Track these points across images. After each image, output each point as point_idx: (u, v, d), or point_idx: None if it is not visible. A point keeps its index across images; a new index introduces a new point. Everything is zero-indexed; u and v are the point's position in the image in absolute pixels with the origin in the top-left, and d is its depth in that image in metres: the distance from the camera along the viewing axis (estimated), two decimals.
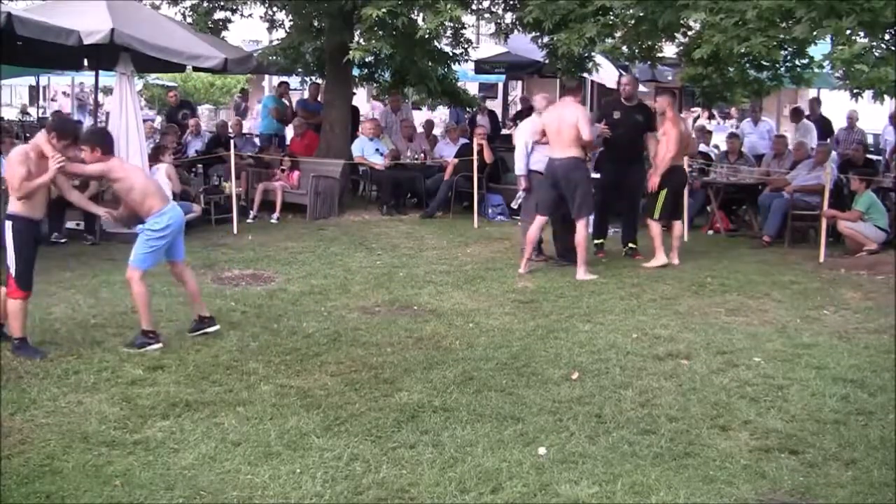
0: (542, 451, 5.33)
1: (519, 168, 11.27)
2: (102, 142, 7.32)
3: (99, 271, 9.90)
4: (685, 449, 5.42)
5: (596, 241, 11.34)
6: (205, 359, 6.96)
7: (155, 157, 12.50)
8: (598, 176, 11.68)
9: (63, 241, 11.66)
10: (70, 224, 12.26)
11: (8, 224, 6.93)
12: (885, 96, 10.47)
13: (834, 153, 15.06)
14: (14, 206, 6.95)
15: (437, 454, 5.27)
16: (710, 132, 18.25)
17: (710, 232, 13.61)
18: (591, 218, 10.67)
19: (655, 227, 10.84)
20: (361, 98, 22.28)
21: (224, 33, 16.66)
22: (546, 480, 4.95)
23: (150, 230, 7.21)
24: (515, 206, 13.43)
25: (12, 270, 6.89)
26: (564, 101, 10.59)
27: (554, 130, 10.22)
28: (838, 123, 17.72)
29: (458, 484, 4.89)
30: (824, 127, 16.52)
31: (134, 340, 7.21)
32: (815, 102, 17.47)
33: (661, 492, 4.85)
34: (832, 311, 8.87)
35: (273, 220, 13.71)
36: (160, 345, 7.18)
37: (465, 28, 15.70)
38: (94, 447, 5.29)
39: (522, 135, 11.30)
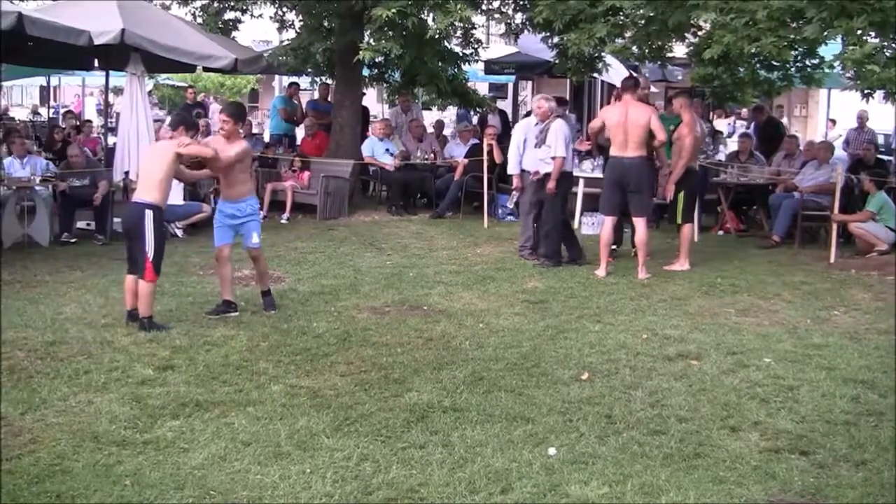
0: (551, 451, 5.33)
1: (512, 167, 11.27)
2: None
3: (109, 271, 9.91)
4: (695, 450, 5.40)
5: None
6: (215, 359, 6.97)
7: None
8: (602, 177, 11.62)
9: (73, 240, 11.69)
10: (80, 224, 12.31)
11: (149, 213, 7.57)
12: None
13: (844, 153, 15.03)
14: (151, 196, 7.62)
15: (446, 454, 5.26)
16: (719, 132, 18.21)
17: (721, 232, 13.59)
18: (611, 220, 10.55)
19: (686, 232, 10.77)
20: (371, 98, 22.30)
21: (234, 33, 16.74)
22: (556, 481, 4.95)
23: (257, 211, 8.36)
24: (511, 206, 13.44)
25: (150, 256, 7.57)
26: (625, 99, 10.36)
27: (621, 130, 10.12)
28: (848, 124, 17.64)
29: (468, 484, 4.88)
30: (774, 130, 16.10)
31: (271, 303, 8.37)
32: (758, 111, 16.99)
33: (671, 492, 4.84)
34: (843, 312, 8.85)
35: (283, 221, 13.73)
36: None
37: (475, 28, 15.72)
38: (104, 447, 5.29)
39: (517, 134, 11.30)
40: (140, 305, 7.66)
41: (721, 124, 21.12)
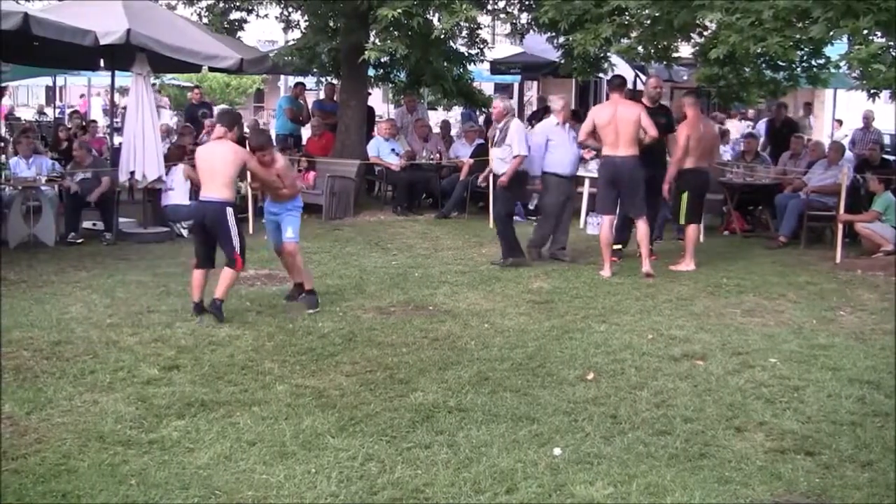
0: (557, 451, 5.33)
1: (533, 169, 11.26)
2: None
3: (115, 271, 9.94)
4: (700, 450, 5.40)
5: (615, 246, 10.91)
6: (220, 358, 6.98)
7: (177, 157, 12.58)
8: None
9: (79, 241, 11.70)
10: (86, 224, 12.32)
11: (229, 211, 8.10)
12: None
13: (850, 153, 15.00)
14: (225, 194, 8.10)
15: (452, 454, 5.26)
16: (727, 131, 18.20)
17: (726, 233, 13.57)
18: (613, 219, 10.56)
19: (691, 232, 10.78)
20: (377, 98, 22.31)
21: (240, 33, 16.72)
22: (561, 481, 4.94)
23: (299, 207, 8.77)
24: (532, 207, 13.45)
25: (237, 247, 8.11)
26: (614, 98, 10.47)
27: (612, 129, 10.16)
28: (854, 124, 17.59)
29: (473, 484, 4.89)
30: (790, 131, 16.02)
31: (310, 303, 8.48)
32: (779, 109, 16.96)
33: (677, 493, 4.83)
34: (848, 313, 8.83)
35: None
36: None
37: (481, 28, 15.71)
38: (109, 446, 5.30)
39: (538, 136, 11.27)
40: (220, 288, 8.06)
41: (730, 125, 21.07)
